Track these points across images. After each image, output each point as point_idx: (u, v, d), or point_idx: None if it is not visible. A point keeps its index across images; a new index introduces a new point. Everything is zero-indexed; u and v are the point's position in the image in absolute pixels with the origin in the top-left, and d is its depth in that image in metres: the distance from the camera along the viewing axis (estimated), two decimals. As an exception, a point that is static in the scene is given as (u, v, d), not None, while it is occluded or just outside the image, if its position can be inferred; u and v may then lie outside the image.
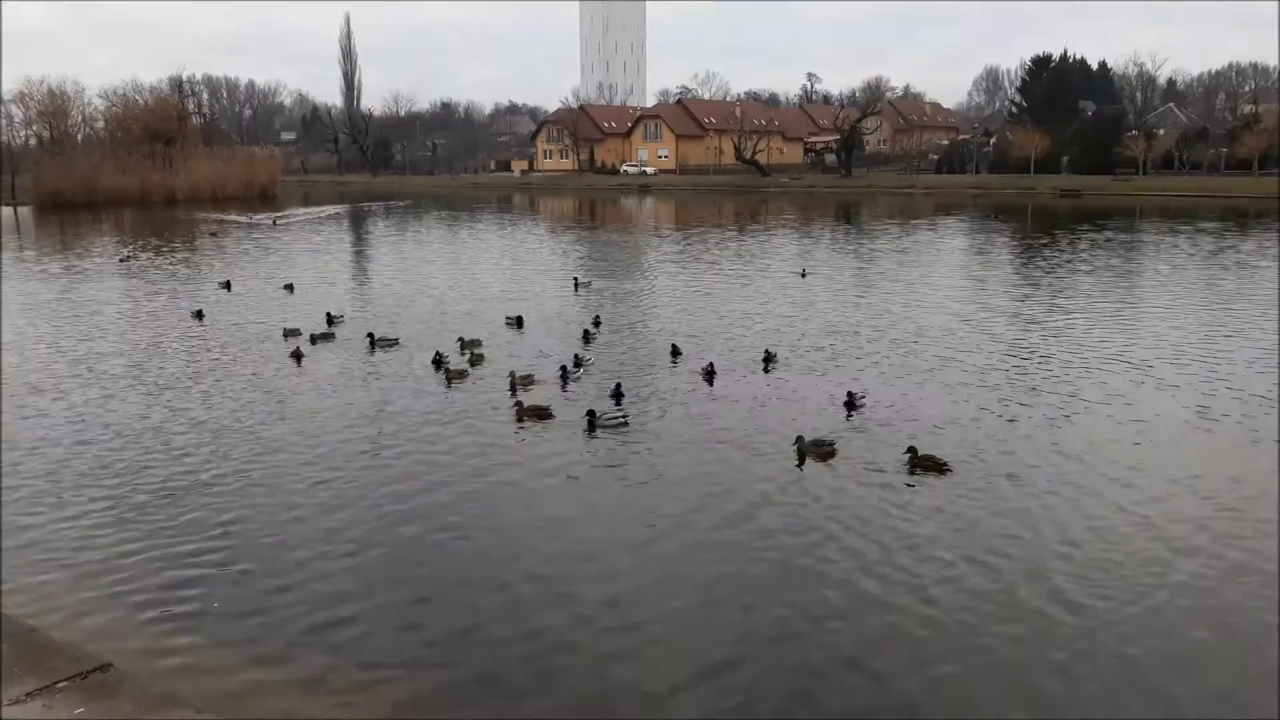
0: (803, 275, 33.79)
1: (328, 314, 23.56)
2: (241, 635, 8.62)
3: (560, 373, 17.51)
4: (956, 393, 16.60)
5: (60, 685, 6.62)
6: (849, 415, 15.12)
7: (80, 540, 10.64)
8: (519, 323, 23.04)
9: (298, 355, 19.46)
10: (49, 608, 9.03)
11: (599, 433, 14.19)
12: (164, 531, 10.86)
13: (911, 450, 12.76)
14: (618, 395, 15.99)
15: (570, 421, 14.70)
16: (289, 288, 29.58)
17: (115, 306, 27.49)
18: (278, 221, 61.78)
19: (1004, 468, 12.73)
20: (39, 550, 10.37)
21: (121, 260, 39.92)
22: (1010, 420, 14.91)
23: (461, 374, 17.73)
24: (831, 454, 13.00)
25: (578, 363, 18.07)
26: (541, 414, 14.88)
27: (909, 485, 12.04)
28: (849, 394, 15.63)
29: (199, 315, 24.56)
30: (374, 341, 20.70)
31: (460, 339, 20.44)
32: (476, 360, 18.92)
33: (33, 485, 12.36)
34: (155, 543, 10.55)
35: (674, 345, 19.61)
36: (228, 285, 30.27)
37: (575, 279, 30.47)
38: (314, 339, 21.15)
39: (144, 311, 26.37)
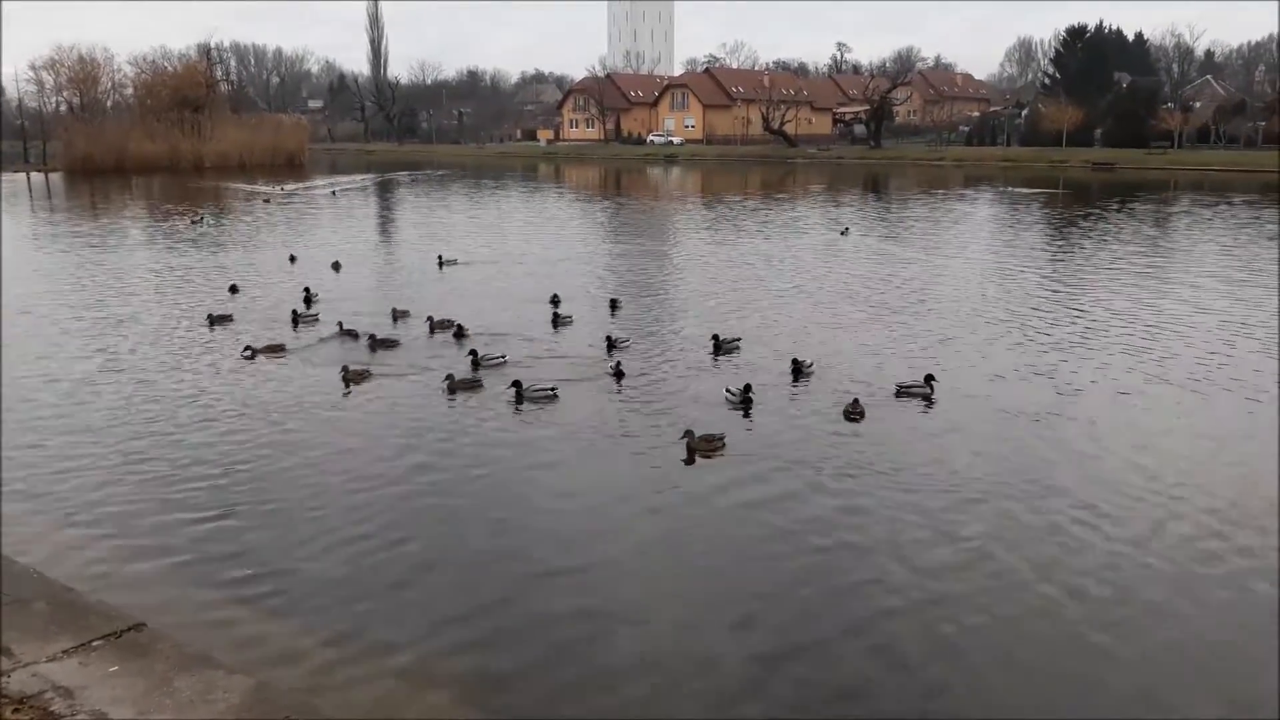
0: (844, 233, 34.27)
1: (305, 289, 22.86)
2: (274, 597, 8.76)
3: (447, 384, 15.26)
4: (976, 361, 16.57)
5: (95, 644, 6.76)
6: (795, 380, 15.40)
7: (116, 503, 10.82)
8: (556, 304, 21.83)
9: (251, 354, 17.52)
10: (84, 568, 9.21)
11: (525, 404, 14.31)
12: (199, 495, 11.02)
13: (855, 401, 13.76)
14: (746, 400, 14.09)
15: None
16: (336, 266, 28.20)
17: (166, 274, 27.82)
18: (337, 192, 61.40)
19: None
20: (74, 512, 10.56)
21: (193, 223, 41.20)
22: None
23: (362, 375, 15.78)
24: (720, 448, 12.24)
25: (475, 363, 16.25)
26: (472, 386, 15.10)
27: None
28: (794, 360, 15.82)
29: (233, 289, 24.08)
30: (212, 320, 20.09)
31: (429, 317, 19.64)
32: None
33: (68, 447, 12.56)
34: (190, 505, 10.72)
35: (608, 336, 18.03)
36: (292, 259, 29.53)
37: (439, 257, 28.85)
38: (211, 319, 20.14)
39: (196, 279, 26.45)
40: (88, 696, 6.09)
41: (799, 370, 15.71)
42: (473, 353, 16.52)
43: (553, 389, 14.66)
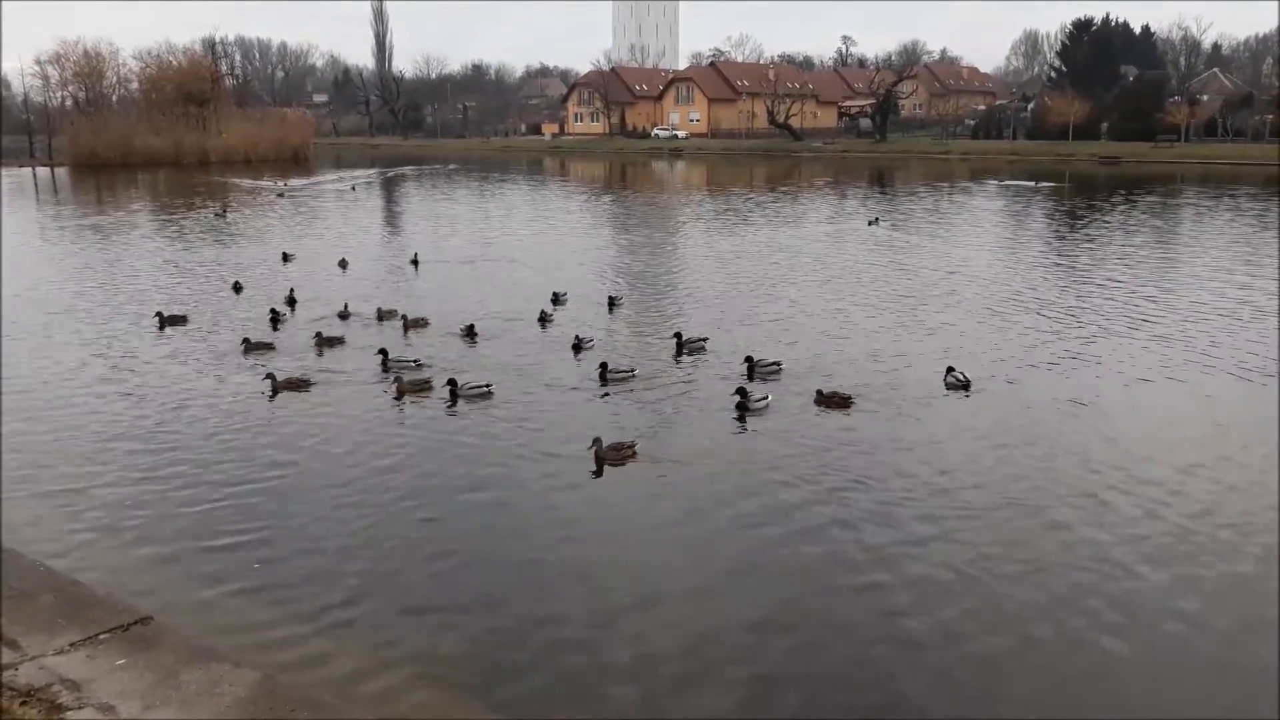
0: (871, 223, 35.81)
1: (290, 290, 22.44)
2: (281, 591, 8.77)
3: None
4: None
5: (102, 637, 6.77)
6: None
7: (122, 496, 10.84)
8: (556, 299, 21.68)
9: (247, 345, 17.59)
10: (91, 562, 9.22)
11: (460, 402, 14.22)
12: (205, 489, 11.04)
13: (818, 392, 14.01)
14: (741, 405, 13.68)
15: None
16: (342, 264, 27.71)
17: (175, 270, 27.82)
18: (355, 186, 61.29)
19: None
20: (81, 505, 10.58)
21: (216, 215, 42.21)
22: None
23: (300, 384, 15.06)
24: (632, 456, 11.82)
25: (385, 364, 15.96)
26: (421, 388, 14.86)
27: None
28: (748, 359, 15.61)
29: (237, 288, 23.83)
30: (162, 320, 19.59)
31: (384, 311, 20.08)
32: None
33: (76, 441, 12.60)
34: (196, 499, 10.74)
35: (576, 337, 17.70)
36: (285, 258, 29.06)
37: (414, 256, 28.56)
38: (162, 320, 19.53)
39: (200, 276, 26.40)
40: (95, 689, 6.11)
41: (753, 369, 15.39)
42: (382, 352, 16.28)
43: (487, 386, 14.62)
